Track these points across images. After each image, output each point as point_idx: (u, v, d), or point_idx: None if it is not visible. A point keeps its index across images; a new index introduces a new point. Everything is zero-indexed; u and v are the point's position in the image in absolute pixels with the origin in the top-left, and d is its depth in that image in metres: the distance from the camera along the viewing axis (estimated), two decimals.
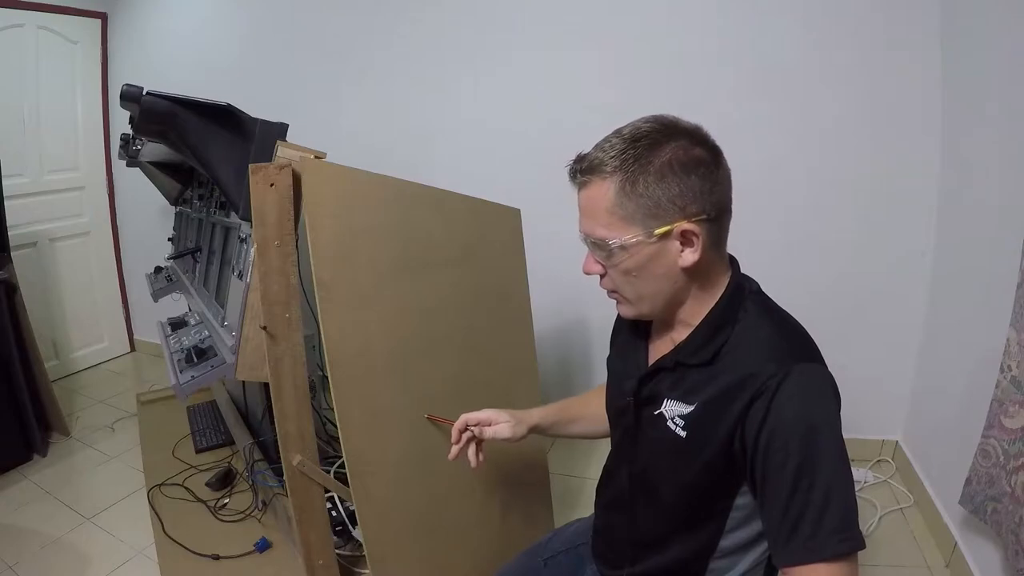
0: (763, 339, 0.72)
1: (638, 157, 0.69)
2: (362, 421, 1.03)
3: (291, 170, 0.98)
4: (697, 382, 0.75)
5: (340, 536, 1.50)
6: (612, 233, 0.71)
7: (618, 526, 0.92)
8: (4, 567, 1.64)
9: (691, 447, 0.74)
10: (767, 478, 0.67)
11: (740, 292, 0.76)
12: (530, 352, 1.39)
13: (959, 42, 1.55)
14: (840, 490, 0.65)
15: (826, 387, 0.69)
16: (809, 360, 0.70)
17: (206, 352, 1.47)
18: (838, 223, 1.85)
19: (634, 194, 0.69)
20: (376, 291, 1.04)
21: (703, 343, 0.75)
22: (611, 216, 0.71)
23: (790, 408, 0.66)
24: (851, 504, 0.65)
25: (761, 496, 0.69)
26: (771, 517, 0.68)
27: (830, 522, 0.63)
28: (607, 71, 2.01)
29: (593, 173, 0.71)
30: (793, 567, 0.65)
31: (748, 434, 0.68)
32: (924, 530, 1.62)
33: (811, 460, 0.65)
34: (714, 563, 0.80)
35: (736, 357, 0.72)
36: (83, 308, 3.18)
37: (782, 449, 0.65)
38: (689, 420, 0.74)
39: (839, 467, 0.65)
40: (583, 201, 0.74)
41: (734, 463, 0.71)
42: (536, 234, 1.42)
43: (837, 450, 0.66)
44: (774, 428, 0.66)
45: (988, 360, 1.26)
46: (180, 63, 2.85)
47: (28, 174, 2.83)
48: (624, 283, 0.75)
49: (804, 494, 0.64)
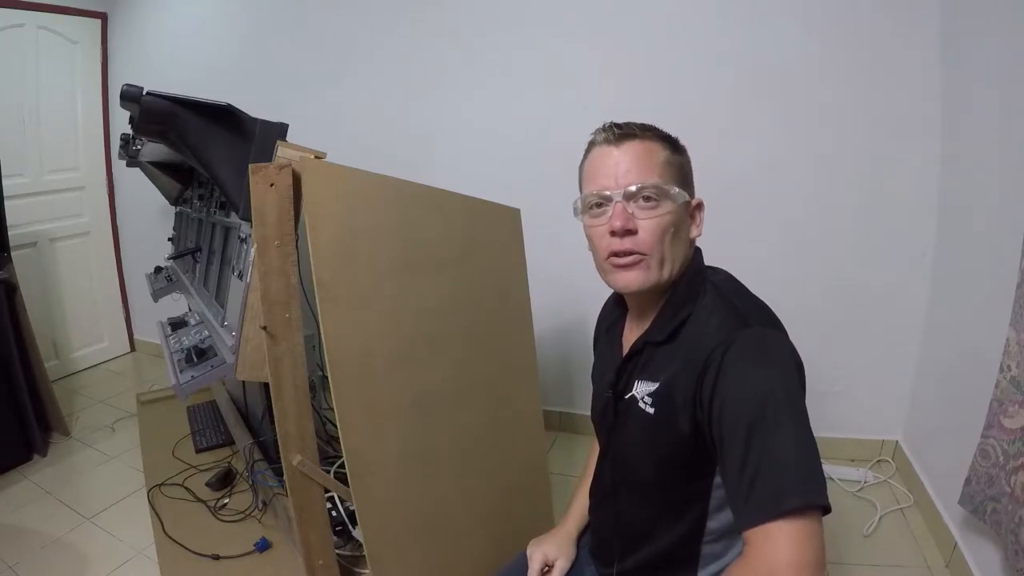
0: (717, 312, 0.75)
1: (669, 135, 0.80)
2: (362, 421, 1.03)
3: (291, 170, 0.98)
4: (661, 360, 0.78)
5: (340, 536, 1.50)
6: (668, 184, 0.76)
7: (606, 521, 0.93)
8: (4, 567, 1.64)
9: (659, 423, 0.77)
10: (723, 443, 0.67)
11: (702, 275, 0.82)
12: (530, 352, 1.39)
13: (959, 42, 1.55)
14: (797, 447, 0.63)
15: (775, 349, 0.69)
16: (760, 325, 0.72)
17: (206, 352, 1.47)
18: (838, 223, 1.85)
19: (676, 158, 0.79)
20: (376, 291, 1.04)
21: (667, 321, 0.79)
22: (666, 168, 0.77)
23: (737, 372, 0.67)
24: (809, 461, 0.63)
25: (721, 464, 0.68)
26: (730, 482, 0.66)
27: (787, 478, 0.61)
28: (607, 71, 2.01)
29: (644, 131, 0.78)
30: (754, 528, 0.62)
31: (704, 403, 0.70)
32: (924, 530, 1.62)
33: (763, 420, 0.64)
34: (707, 547, 0.80)
35: (693, 331, 0.76)
36: (83, 308, 3.18)
37: (733, 412, 0.66)
38: (655, 397, 0.78)
39: (794, 425, 0.64)
40: (632, 153, 0.77)
41: (702, 437, 0.72)
42: (536, 234, 1.42)
43: (791, 409, 0.65)
44: (724, 393, 0.67)
45: (988, 360, 1.26)
46: (180, 63, 2.85)
47: (28, 174, 2.83)
48: (658, 241, 0.76)
49: (758, 453, 0.63)
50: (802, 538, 0.59)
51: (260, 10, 2.63)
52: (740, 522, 0.65)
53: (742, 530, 0.64)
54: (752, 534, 0.62)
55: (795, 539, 0.59)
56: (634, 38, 1.96)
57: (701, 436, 0.72)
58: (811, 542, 0.60)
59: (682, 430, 0.73)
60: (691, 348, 0.74)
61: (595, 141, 0.81)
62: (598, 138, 0.80)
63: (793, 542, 0.59)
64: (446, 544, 1.22)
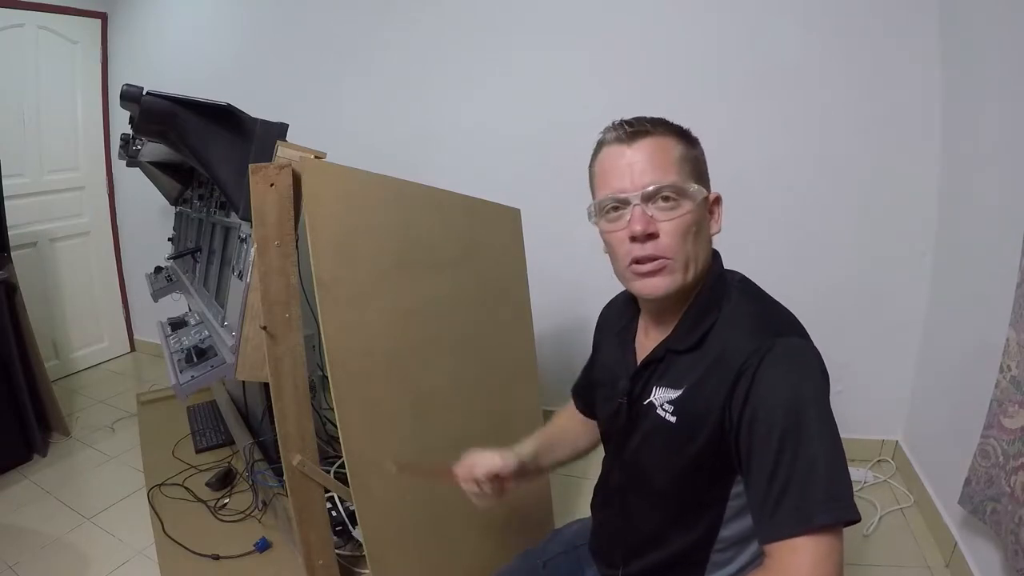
0: (746, 319, 0.73)
1: (681, 127, 0.75)
2: (362, 421, 1.03)
3: (291, 170, 0.98)
4: (685, 367, 0.75)
5: (340, 536, 1.50)
6: (686, 182, 0.72)
7: (611, 522, 0.91)
8: (4, 567, 1.64)
9: (681, 432, 0.74)
10: (752, 452, 0.66)
11: (723, 279, 0.78)
12: (530, 352, 1.39)
13: (959, 42, 1.55)
14: (827, 461, 0.62)
15: (809, 360, 0.68)
16: (792, 335, 0.70)
17: (206, 352, 1.47)
18: (838, 223, 1.85)
19: (691, 152, 0.74)
20: (376, 291, 1.04)
21: (691, 328, 0.76)
22: (683, 164, 0.73)
23: (772, 381, 0.65)
24: (840, 475, 0.62)
25: (747, 473, 0.67)
26: (755, 492, 0.65)
27: (816, 492, 0.60)
28: (607, 71, 2.01)
29: (656, 126, 0.73)
30: (778, 542, 0.61)
31: (734, 411, 0.68)
32: (924, 530, 1.62)
33: (795, 431, 0.63)
34: (716, 555, 0.79)
35: (721, 338, 0.73)
36: (83, 308, 3.18)
37: (765, 422, 0.64)
38: (678, 404, 0.75)
39: (825, 438, 0.63)
40: (646, 151, 0.72)
41: (725, 446, 0.70)
42: (536, 234, 1.41)
43: (823, 422, 0.64)
44: (757, 402, 0.66)
45: (988, 360, 1.26)
46: (180, 63, 2.85)
47: (28, 174, 2.83)
48: (680, 242, 0.72)
49: (788, 466, 0.62)
50: (826, 554, 0.59)
51: (260, 10, 2.63)
52: (765, 533, 0.64)
53: (765, 542, 0.63)
54: (776, 547, 0.62)
55: (819, 555, 0.59)
56: (634, 38, 1.95)
57: (724, 445, 0.70)
58: (833, 557, 0.59)
59: (705, 438, 0.71)
60: (719, 355, 0.71)
61: (605, 140, 0.76)
62: (608, 137, 0.75)
63: (817, 558, 0.59)
64: (446, 544, 1.22)
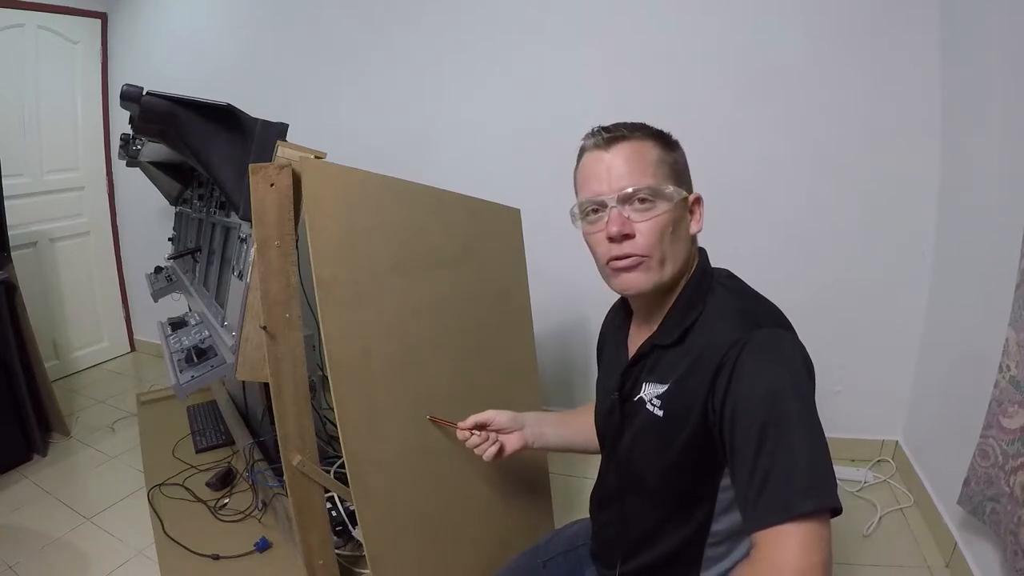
0: (729, 313, 0.75)
1: (660, 132, 0.79)
2: (362, 421, 1.03)
3: (291, 170, 0.98)
4: (671, 362, 0.78)
5: (340, 536, 1.50)
6: (662, 184, 0.76)
7: (610, 523, 0.92)
8: (4, 567, 1.64)
9: (668, 425, 0.76)
10: (735, 444, 0.67)
11: (708, 275, 0.81)
12: (530, 352, 1.39)
13: (958, 42, 1.55)
14: (809, 450, 0.63)
15: (788, 350, 0.69)
16: (772, 326, 0.71)
17: (206, 352, 1.47)
18: (838, 224, 1.85)
19: (669, 155, 0.78)
20: (376, 291, 1.04)
21: (675, 323, 0.78)
22: (659, 167, 0.76)
23: (751, 373, 0.67)
24: (822, 464, 0.63)
25: (732, 465, 0.68)
26: (740, 483, 0.66)
27: (799, 481, 0.61)
28: (607, 71, 2.01)
29: (633, 131, 0.77)
30: (763, 530, 0.62)
31: (716, 404, 0.69)
32: (924, 530, 1.62)
33: (775, 421, 0.64)
34: (710, 550, 0.80)
35: (704, 333, 0.75)
36: (83, 308, 3.18)
37: (746, 413, 0.66)
38: (664, 399, 0.77)
39: (806, 427, 0.64)
40: (623, 156, 0.76)
41: (711, 438, 0.71)
42: (536, 234, 1.42)
43: (803, 411, 0.64)
44: (737, 395, 0.67)
45: (987, 360, 1.26)
46: (180, 63, 2.85)
47: (28, 174, 2.83)
48: (657, 241, 0.75)
49: (769, 456, 0.63)
50: (811, 541, 0.59)
51: (260, 10, 2.63)
52: (749, 523, 0.64)
53: (751, 531, 0.64)
54: (761, 536, 0.62)
55: (804, 542, 0.59)
56: (634, 39, 1.96)
57: (710, 437, 0.72)
58: (820, 545, 0.60)
59: (691, 431, 0.73)
60: (702, 350, 0.73)
61: (585, 147, 0.80)
62: (588, 143, 0.79)
63: (802, 545, 0.59)
64: (446, 544, 1.22)
